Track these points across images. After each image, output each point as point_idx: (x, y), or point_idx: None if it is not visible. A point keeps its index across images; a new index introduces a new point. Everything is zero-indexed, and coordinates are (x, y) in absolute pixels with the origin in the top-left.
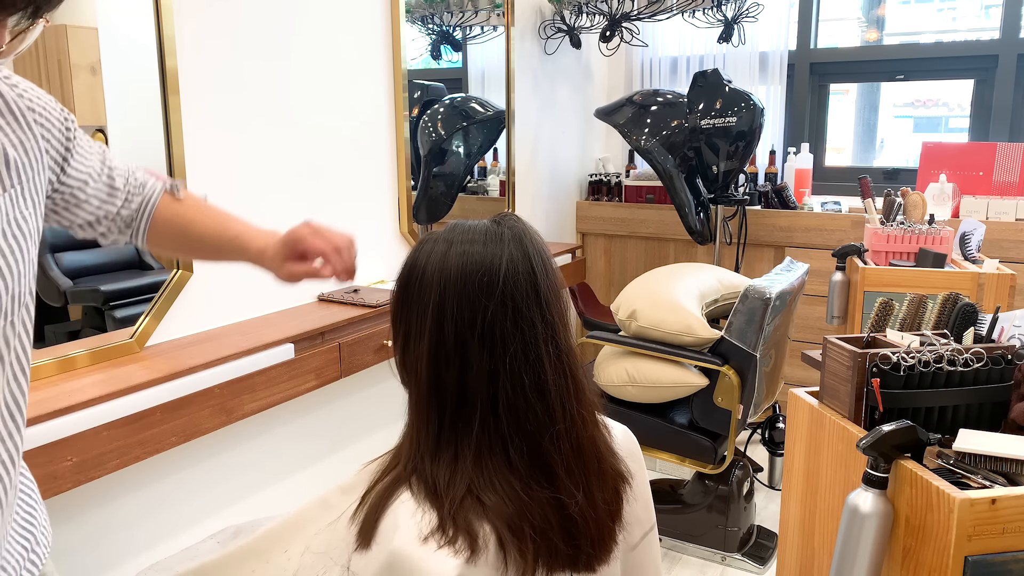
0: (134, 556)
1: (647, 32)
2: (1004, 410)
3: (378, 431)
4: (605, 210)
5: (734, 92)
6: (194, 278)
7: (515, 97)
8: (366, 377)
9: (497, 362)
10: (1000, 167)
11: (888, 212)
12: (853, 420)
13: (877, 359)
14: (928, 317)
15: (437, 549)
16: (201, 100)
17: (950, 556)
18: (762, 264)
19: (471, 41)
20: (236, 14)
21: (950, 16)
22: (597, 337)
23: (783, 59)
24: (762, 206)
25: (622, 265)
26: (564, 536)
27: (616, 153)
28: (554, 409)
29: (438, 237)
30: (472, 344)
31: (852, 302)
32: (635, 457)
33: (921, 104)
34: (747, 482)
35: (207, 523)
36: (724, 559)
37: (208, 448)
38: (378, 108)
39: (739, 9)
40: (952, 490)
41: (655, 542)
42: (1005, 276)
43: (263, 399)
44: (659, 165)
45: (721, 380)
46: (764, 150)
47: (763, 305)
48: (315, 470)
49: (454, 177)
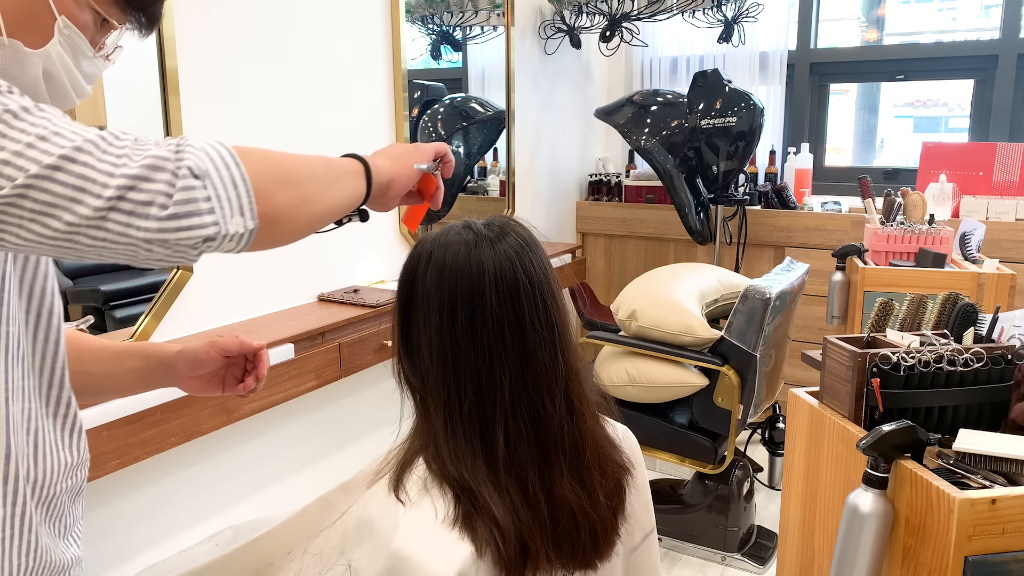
0: (134, 556)
1: (647, 32)
2: (1004, 410)
3: (378, 431)
4: (605, 210)
5: (734, 92)
6: (194, 278)
7: (515, 97)
8: (366, 377)
9: (497, 359)
10: (1000, 167)
11: (888, 212)
12: (853, 420)
13: (877, 359)
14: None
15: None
16: (201, 100)
17: (950, 556)
18: (762, 264)
19: (471, 41)
20: (236, 14)
21: (950, 16)
22: (597, 337)
23: (783, 59)
24: (762, 206)
25: (622, 265)
26: (566, 531)
27: (616, 153)
28: (555, 404)
29: (436, 238)
30: (472, 342)
31: (852, 302)
32: (635, 458)
33: (921, 104)
34: (747, 482)
35: (207, 523)
36: (724, 559)
37: (208, 448)
38: (378, 108)
39: (739, 9)
40: (952, 490)
41: (655, 545)
42: (1005, 276)
43: (263, 399)
44: (659, 165)
45: (721, 380)
46: (764, 150)
47: (763, 305)
48: (315, 470)
49: (454, 177)
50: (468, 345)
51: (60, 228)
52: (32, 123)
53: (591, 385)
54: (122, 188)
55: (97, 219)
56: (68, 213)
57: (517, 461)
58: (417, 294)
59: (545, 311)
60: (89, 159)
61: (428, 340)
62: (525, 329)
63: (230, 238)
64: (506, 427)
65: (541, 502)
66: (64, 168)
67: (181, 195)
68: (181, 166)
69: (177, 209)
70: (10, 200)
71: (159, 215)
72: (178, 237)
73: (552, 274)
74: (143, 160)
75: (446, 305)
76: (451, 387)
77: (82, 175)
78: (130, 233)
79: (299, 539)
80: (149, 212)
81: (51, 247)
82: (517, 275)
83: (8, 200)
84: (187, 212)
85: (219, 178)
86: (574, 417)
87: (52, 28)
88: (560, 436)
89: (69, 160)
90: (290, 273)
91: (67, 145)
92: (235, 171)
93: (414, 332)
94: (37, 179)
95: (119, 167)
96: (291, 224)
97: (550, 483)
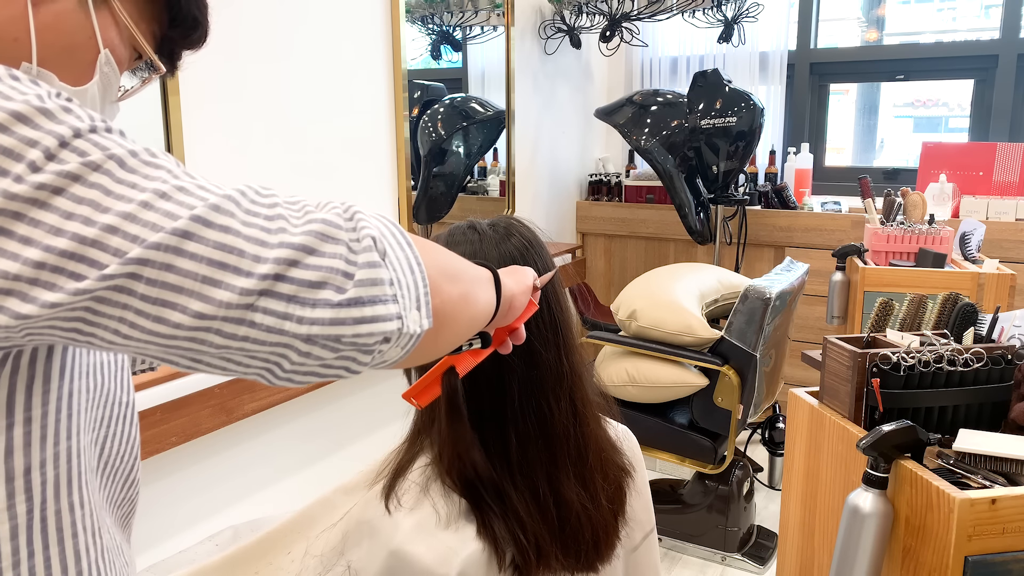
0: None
1: (647, 32)
2: (1004, 410)
3: (378, 431)
4: (605, 210)
5: (734, 92)
6: None
7: (515, 97)
8: (366, 377)
9: (504, 360)
10: (1000, 167)
11: (888, 212)
12: (853, 420)
13: (877, 359)
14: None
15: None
16: (201, 100)
17: (950, 556)
18: (762, 264)
19: (471, 41)
20: (236, 14)
21: (950, 16)
22: (597, 337)
23: (783, 59)
24: (762, 206)
25: (622, 265)
26: (572, 532)
27: (616, 153)
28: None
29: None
30: None
31: (852, 302)
32: (636, 458)
33: (921, 104)
34: (747, 482)
35: (207, 523)
36: (724, 559)
37: (208, 448)
38: (378, 108)
39: (739, 9)
40: (952, 490)
41: (655, 544)
42: (1005, 276)
43: (263, 399)
44: (659, 165)
45: (721, 380)
46: (764, 150)
47: (763, 305)
48: (315, 470)
49: (454, 177)
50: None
51: (183, 323)
52: (146, 175)
53: (594, 387)
54: (282, 263)
55: (242, 307)
56: (198, 301)
57: (528, 462)
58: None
59: (549, 312)
60: (231, 222)
61: None
62: (530, 331)
63: (406, 339)
64: (516, 429)
65: (550, 503)
66: (196, 236)
67: (364, 273)
68: (360, 236)
69: (360, 293)
70: (116, 284)
71: (333, 300)
72: (356, 332)
73: (556, 276)
74: (307, 225)
75: None
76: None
77: (222, 245)
78: (286, 328)
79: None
80: (319, 297)
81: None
82: None
83: (113, 284)
84: (371, 297)
85: (396, 258)
86: (578, 420)
87: (94, 63)
88: (565, 438)
89: (203, 224)
90: None
91: (198, 204)
92: (410, 252)
93: None
94: (158, 251)
95: (273, 234)
96: (452, 329)
97: (557, 485)
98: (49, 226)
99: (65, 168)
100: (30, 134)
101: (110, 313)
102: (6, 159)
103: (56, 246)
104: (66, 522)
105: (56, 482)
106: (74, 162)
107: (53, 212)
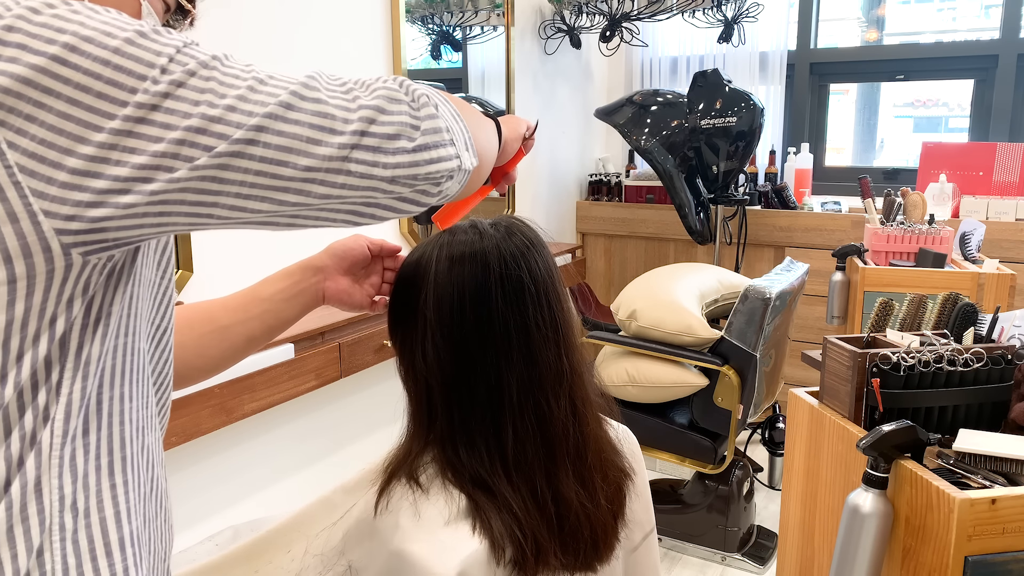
0: None
1: (647, 32)
2: (1004, 410)
3: (378, 431)
4: (605, 210)
5: (734, 92)
6: (194, 278)
7: (515, 97)
8: (366, 377)
9: (504, 359)
10: (1000, 167)
11: (888, 212)
12: (853, 420)
13: (877, 359)
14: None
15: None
16: None
17: (950, 556)
18: (762, 264)
19: (471, 41)
20: (236, 14)
21: (950, 16)
22: (597, 337)
23: (783, 59)
24: (762, 206)
25: (622, 265)
26: (571, 531)
27: (616, 153)
28: (560, 406)
29: (442, 238)
30: (480, 342)
31: (852, 302)
32: (636, 458)
33: (921, 104)
34: (747, 482)
35: (207, 523)
36: (724, 559)
37: (208, 448)
38: None
39: (739, 9)
40: (952, 490)
41: (655, 545)
42: (1005, 276)
43: (263, 399)
44: (659, 165)
45: (721, 380)
46: (764, 150)
47: (763, 305)
48: (315, 470)
49: None
50: (476, 345)
51: (295, 176)
52: (244, 68)
53: (594, 387)
54: (365, 120)
55: (339, 159)
56: (305, 157)
57: (526, 461)
58: (423, 293)
59: (550, 311)
60: (319, 95)
61: (435, 340)
62: (530, 329)
63: (462, 174)
64: (514, 427)
65: (548, 501)
66: (296, 107)
67: (428, 124)
68: (417, 95)
69: (426, 139)
70: (238, 149)
71: (408, 147)
72: (428, 171)
73: (557, 275)
74: (374, 92)
75: (454, 304)
76: (461, 387)
77: (318, 111)
78: (375, 173)
79: (299, 539)
80: (397, 145)
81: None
82: (523, 275)
83: (235, 150)
84: (435, 143)
85: (444, 112)
86: (577, 419)
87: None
88: (564, 437)
89: (299, 97)
90: None
91: (291, 85)
92: (452, 107)
93: (419, 332)
94: (270, 119)
95: (352, 101)
96: (484, 165)
97: (556, 483)
98: (182, 112)
99: (187, 67)
100: (153, 46)
101: (233, 179)
102: (141, 65)
103: (192, 125)
104: (115, 409)
105: (112, 372)
106: (192, 62)
107: (183, 102)
